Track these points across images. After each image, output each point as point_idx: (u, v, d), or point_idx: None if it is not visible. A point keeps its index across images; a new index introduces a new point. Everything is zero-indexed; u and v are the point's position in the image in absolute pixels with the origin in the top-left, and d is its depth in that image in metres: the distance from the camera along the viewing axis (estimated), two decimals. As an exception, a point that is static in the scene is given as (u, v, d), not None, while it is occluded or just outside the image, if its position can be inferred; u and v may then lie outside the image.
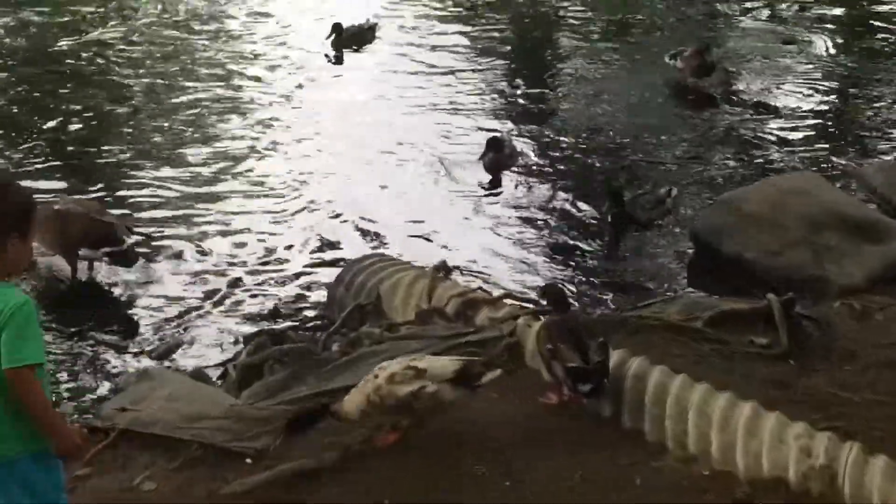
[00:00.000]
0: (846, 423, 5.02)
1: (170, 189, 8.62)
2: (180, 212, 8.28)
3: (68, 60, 11.69)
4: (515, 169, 8.79)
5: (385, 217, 8.09)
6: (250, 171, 8.92)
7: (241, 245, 7.87)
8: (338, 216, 8.13)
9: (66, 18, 12.76)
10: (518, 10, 12.04)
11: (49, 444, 3.78)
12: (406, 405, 4.91)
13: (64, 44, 12.12)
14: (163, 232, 7.92)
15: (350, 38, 10.63)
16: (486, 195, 8.46)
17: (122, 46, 11.90)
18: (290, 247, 7.77)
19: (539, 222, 8.02)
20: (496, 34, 11.54)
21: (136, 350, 6.64)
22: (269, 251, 7.73)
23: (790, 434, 4.75)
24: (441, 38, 11.42)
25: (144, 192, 8.59)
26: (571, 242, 7.73)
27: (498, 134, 8.90)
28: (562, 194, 8.40)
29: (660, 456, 4.93)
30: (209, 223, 8.13)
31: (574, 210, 8.16)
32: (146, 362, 6.40)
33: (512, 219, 8.09)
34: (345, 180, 8.61)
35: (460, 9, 12.23)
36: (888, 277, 6.93)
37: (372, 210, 8.18)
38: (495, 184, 8.58)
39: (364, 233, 7.89)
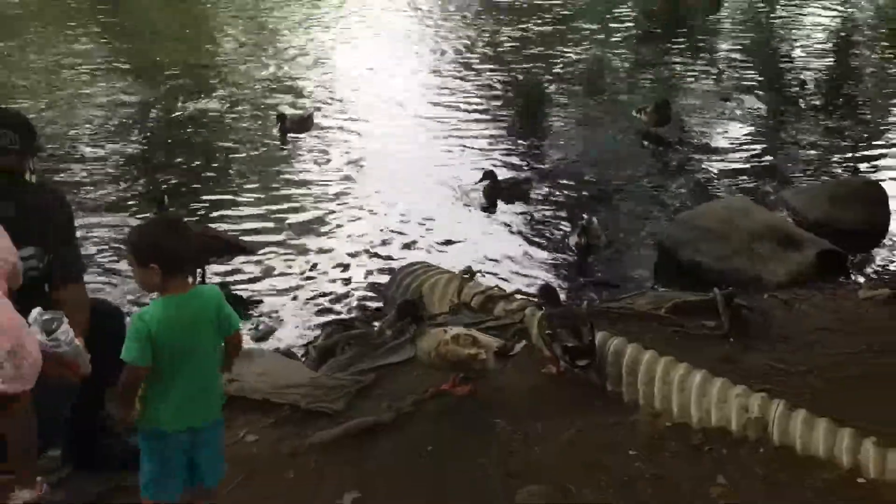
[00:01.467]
0: (774, 386, 5.00)
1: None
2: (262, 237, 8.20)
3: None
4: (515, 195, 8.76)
5: (420, 234, 8.07)
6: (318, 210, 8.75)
7: (320, 252, 7.87)
8: (387, 233, 8.12)
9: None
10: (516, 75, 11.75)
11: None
12: (464, 364, 4.93)
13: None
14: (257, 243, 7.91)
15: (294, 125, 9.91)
16: (492, 216, 8.43)
17: None
18: (354, 254, 7.77)
19: (536, 237, 8.01)
20: (498, 90, 11.25)
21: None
22: (339, 261, 7.71)
23: (732, 394, 4.77)
24: (445, 95, 11.17)
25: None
26: (561, 255, 7.69)
27: (491, 167, 8.85)
28: (553, 215, 8.39)
29: (634, 413, 4.94)
30: (290, 240, 8.07)
31: (562, 227, 8.10)
32: (249, 344, 6.35)
33: (514, 235, 8.07)
34: (388, 207, 8.55)
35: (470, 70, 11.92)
36: (805, 276, 6.94)
37: (411, 228, 8.17)
38: (493, 207, 8.57)
39: (407, 245, 7.88)
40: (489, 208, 8.51)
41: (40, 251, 4.09)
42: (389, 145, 9.72)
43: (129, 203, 8.53)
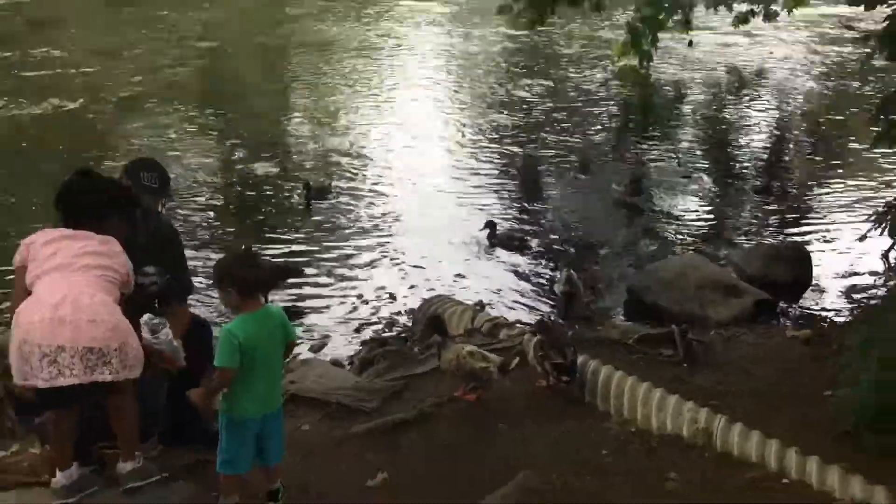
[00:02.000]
0: (719, 402, 5.04)
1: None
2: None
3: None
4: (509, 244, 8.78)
5: (438, 273, 8.11)
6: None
7: (362, 283, 7.93)
8: (412, 270, 8.17)
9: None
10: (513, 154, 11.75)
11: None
12: (475, 374, 5.02)
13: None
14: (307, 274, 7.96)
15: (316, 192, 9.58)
16: (497, 261, 8.42)
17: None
18: (387, 286, 7.81)
19: (532, 278, 8.05)
20: (504, 165, 11.33)
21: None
22: (377, 291, 7.76)
23: (684, 408, 4.83)
24: (459, 169, 11.22)
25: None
26: (551, 293, 7.73)
27: (493, 220, 8.89)
28: (545, 262, 8.41)
29: (606, 419, 4.99)
30: (336, 277, 8.13)
31: (552, 272, 8.12)
32: (307, 354, 6.43)
33: (514, 277, 8.09)
34: (411, 251, 8.59)
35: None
36: (743, 318, 6.95)
37: (430, 268, 8.21)
38: (492, 249, 8.62)
39: (428, 280, 7.94)
40: (491, 251, 8.55)
41: (161, 271, 4.19)
42: (411, 206, 9.74)
43: (213, 241, 8.66)
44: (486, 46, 18.22)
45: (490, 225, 8.69)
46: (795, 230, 9.26)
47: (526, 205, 9.95)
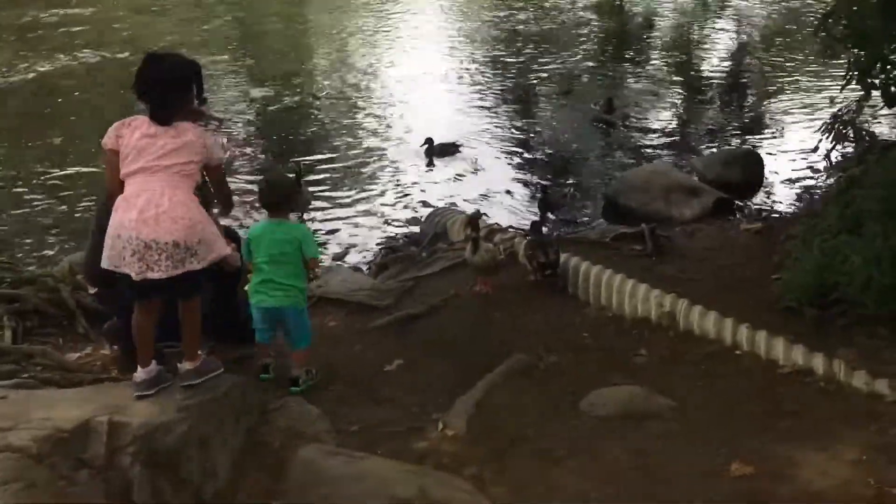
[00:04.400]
0: (681, 289, 5.02)
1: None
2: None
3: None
4: (511, 160, 8.67)
5: (447, 193, 8.02)
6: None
7: (374, 199, 7.89)
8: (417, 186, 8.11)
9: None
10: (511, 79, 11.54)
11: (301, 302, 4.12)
12: (499, 268, 5.23)
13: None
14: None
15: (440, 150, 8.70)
16: (487, 178, 8.29)
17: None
18: (398, 202, 7.78)
19: (524, 193, 7.94)
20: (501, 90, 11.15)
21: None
22: (390, 205, 7.77)
23: (651, 295, 4.85)
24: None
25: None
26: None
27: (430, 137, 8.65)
28: (534, 178, 8.30)
29: (586, 307, 5.03)
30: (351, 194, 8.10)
31: (539, 182, 8.07)
32: (331, 262, 6.47)
33: (509, 191, 7.98)
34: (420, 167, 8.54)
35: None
36: (704, 216, 6.93)
37: (436, 186, 8.15)
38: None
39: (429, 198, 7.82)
40: (430, 164, 8.47)
41: None
42: (417, 131, 9.48)
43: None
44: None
45: (428, 141, 8.54)
46: (751, 137, 9.16)
47: (517, 123, 9.82)
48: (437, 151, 8.55)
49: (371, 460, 3.36)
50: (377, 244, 6.91)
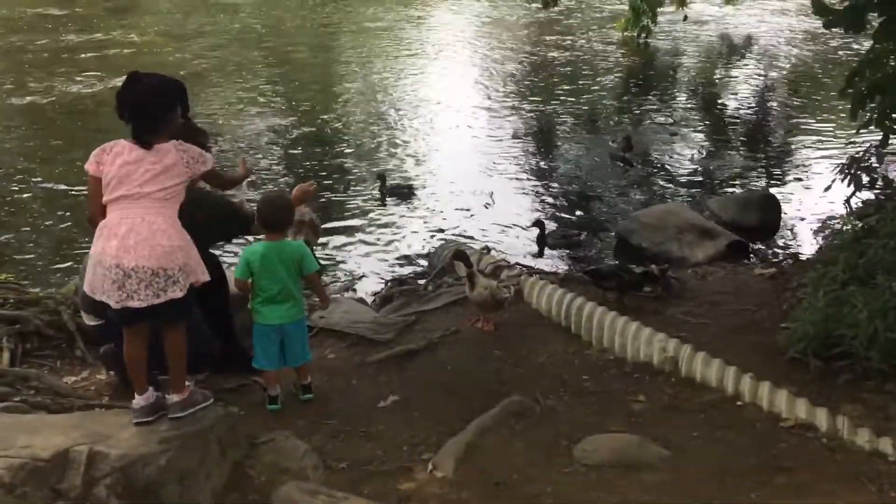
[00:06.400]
0: (688, 333, 4.96)
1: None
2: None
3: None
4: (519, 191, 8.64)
5: (457, 220, 8.01)
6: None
7: (385, 230, 7.87)
8: (433, 217, 8.06)
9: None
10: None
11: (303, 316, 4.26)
12: (501, 305, 5.10)
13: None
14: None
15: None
16: (503, 212, 8.25)
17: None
18: (407, 237, 7.75)
19: (536, 229, 7.76)
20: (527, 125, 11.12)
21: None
22: (399, 239, 7.73)
23: (655, 339, 4.74)
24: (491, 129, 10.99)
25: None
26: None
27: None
28: (547, 213, 8.25)
29: (588, 349, 4.93)
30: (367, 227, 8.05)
31: (554, 216, 7.99)
32: (336, 293, 6.43)
33: (520, 226, 7.92)
34: (437, 198, 8.54)
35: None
36: (717, 258, 6.82)
37: (451, 218, 8.11)
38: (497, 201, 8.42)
39: (442, 231, 7.81)
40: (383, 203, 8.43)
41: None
42: (438, 160, 9.67)
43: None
44: (506, 20, 17.88)
45: (380, 178, 8.54)
46: (771, 180, 9.07)
47: (535, 158, 9.83)
48: (389, 191, 8.48)
49: (352, 501, 3.29)
50: (386, 275, 6.89)
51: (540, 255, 7.20)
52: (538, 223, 7.58)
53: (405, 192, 8.50)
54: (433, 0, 20.08)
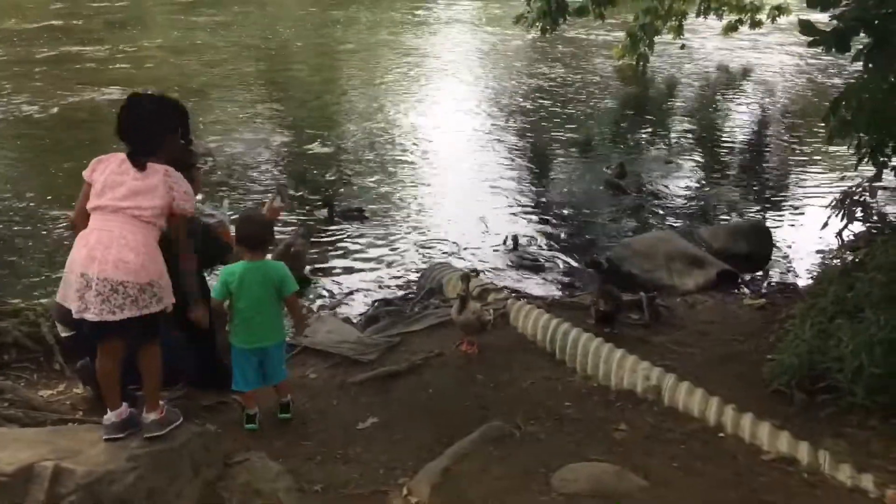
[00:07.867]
0: (674, 361, 4.96)
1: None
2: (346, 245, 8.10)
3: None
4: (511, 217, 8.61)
5: (448, 241, 7.98)
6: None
7: (377, 251, 7.76)
8: (424, 238, 8.03)
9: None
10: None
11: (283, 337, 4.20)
12: (485, 328, 5.11)
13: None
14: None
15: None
16: (494, 233, 8.20)
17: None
18: (396, 258, 7.67)
19: (527, 256, 7.75)
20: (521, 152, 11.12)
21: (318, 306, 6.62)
22: (386, 258, 7.66)
23: (639, 367, 4.72)
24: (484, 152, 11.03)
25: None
26: (531, 260, 7.63)
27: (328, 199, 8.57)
28: (535, 237, 8.20)
29: (572, 375, 4.91)
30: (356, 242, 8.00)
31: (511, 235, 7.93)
32: (323, 312, 6.37)
33: (509, 249, 7.84)
34: (428, 219, 8.48)
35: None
36: (707, 287, 6.77)
37: (442, 239, 8.06)
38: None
39: (429, 248, 7.78)
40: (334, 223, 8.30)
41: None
42: (432, 183, 9.65)
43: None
44: (502, 46, 17.98)
45: (327, 202, 8.44)
46: (763, 210, 9.05)
47: (528, 182, 9.81)
48: (338, 214, 8.36)
49: (322, 525, 3.24)
50: (372, 295, 6.81)
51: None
52: (514, 238, 7.77)
53: (355, 215, 8.38)
54: (433, 26, 20.20)
